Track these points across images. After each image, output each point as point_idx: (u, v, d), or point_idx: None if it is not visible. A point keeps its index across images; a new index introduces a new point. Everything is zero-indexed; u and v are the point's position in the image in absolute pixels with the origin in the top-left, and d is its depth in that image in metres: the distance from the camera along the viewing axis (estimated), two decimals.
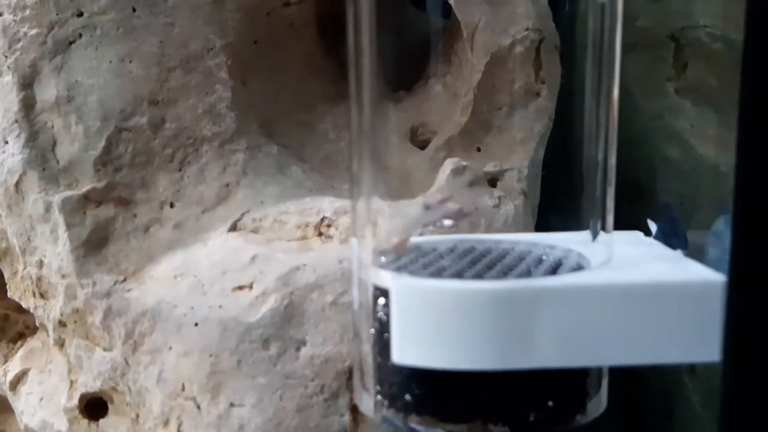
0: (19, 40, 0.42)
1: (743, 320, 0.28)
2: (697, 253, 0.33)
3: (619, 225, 0.39)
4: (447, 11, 0.44)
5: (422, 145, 0.47)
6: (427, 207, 0.34)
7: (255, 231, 0.43)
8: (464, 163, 0.43)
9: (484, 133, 0.46)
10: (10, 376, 0.45)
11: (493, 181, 0.44)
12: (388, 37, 0.35)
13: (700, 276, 0.29)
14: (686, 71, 0.44)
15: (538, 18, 0.44)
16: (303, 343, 0.38)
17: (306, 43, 0.50)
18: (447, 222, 0.34)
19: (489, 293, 0.29)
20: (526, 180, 0.44)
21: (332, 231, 0.42)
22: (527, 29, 0.44)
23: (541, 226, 0.44)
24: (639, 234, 0.37)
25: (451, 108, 0.46)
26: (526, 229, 0.44)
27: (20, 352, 0.46)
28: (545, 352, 0.29)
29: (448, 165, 0.43)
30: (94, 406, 0.42)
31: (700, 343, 0.29)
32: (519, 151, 0.44)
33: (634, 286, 0.29)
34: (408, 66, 0.47)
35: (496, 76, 0.45)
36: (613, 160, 0.33)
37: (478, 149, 0.46)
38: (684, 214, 0.38)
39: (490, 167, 0.44)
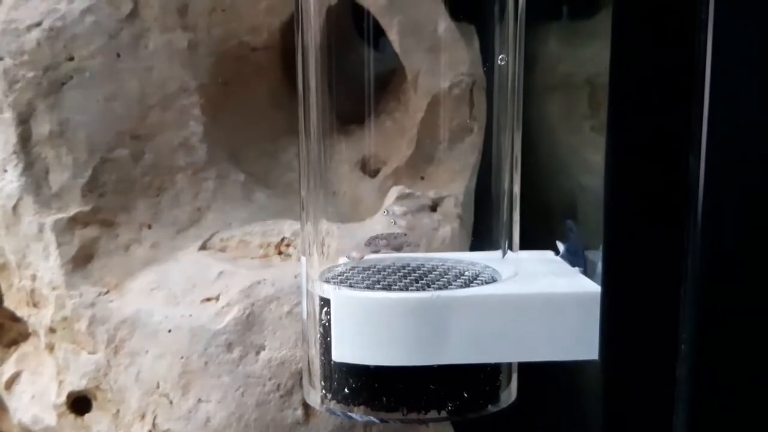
0: (18, 81, 0.47)
1: (614, 324, 0.34)
2: (593, 271, 0.39)
3: (543, 245, 0.45)
4: (391, 57, 0.50)
5: (373, 174, 0.53)
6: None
7: (222, 250, 0.49)
8: (408, 191, 0.49)
9: (427, 163, 0.52)
10: (6, 377, 0.51)
11: (434, 206, 0.50)
12: (336, 79, 0.41)
13: (583, 288, 0.36)
14: (600, 111, 0.50)
15: (472, 63, 0.50)
16: (262, 347, 0.44)
17: (271, 82, 0.56)
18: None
19: (410, 302, 0.35)
20: (462, 206, 0.50)
21: (291, 250, 0.48)
22: (463, 74, 0.50)
23: (476, 245, 0.50)
24: (550, 253, 0.43)
25: (399, 141, 0.53)
26: (461, 249, 0.50)
27: (14, 356, 0.51)
28: (457, 351, 0.35)
29: (394, 192, 0.49)
30: (80, 403, 0.47)
31: (583, 343, 0.35)
32: (456, 180, 0.51)
33: (529, 296, 0.35)
34: (360, 103, 0.53)
35: (437, 114, 0.51)
36: (517, 189, 0.39)
37: (422, 178, 0.52)
38: (597, 236, 0.44)
39: (431, 194, 0.50)
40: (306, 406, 0.44)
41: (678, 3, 0.31)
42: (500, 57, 0.38)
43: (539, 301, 0.35)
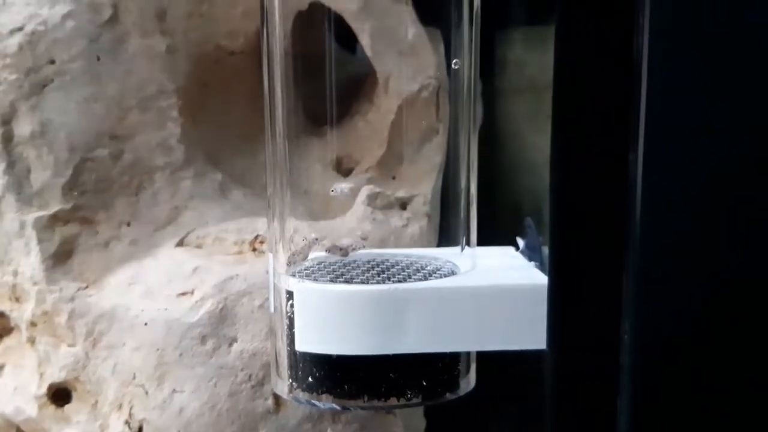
0: (0, 83, 0.49)
1: (561, 315, 0.36)
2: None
3: (509, 241, 0.47)
4: (363, 61, 0.52)
5: (346, 174, 0.55)
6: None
7: (199, 246, 0.50)
8: (378, 190, 0.51)
9: (398, 164, 0.53)
10: None
11: (403, 204, 0.52)
12: (310, 80, 0.43)
13: (533, 280, 0.37)
14: None
15: (438, 67, 0.52)
16: (234, 339, 0.46)
17: (248, 84, 0.57)
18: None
19: (367, 294, 0.36)
20: (429, 204, 0.52)
21: (264, 247, 0.50)
22: (430, 77, 0.52)
23: (442, 242, 0.52)
24: (510, 249, 0.45)
25: (372, 142, 0.54)
26: (429, 245, 0.51)
27: None
28: (414, 341, 0.37)
29: (364, 191, 0.51)
30: (60, 394, 0.49)
31: (532, 334, 0.37)
32: (425, 179, 0.52)
33: (481, 289, 0.37)
34: (332, 105, 0.55)
35: (407, 116, 0.52)
36: (474, 188, 0.41)
37: (394, 177, 0.54)
38: None
39: (401, 193, 0.52)
40: (276, 396, 0.45)
41: (617, 7, 0.33)
42: (454, 61, 0.40)
43: (491, 292, 0.36)
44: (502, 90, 0.58)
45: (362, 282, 0.38)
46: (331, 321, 0.37)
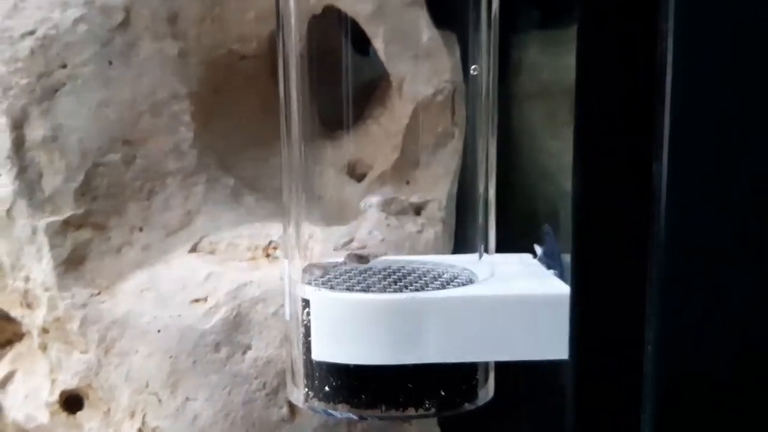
0: (12, 87, 0.49)
1: (583, 325, 0.35)
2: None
3: (527, 249, 0.46)
4: (377, 65, 0.52)
5: (359, 178, 0.54)
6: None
7: (212, 252, 0.50)
8: (392, 195, 0.51)
9: (413, 168, 0.53)
10: (0, 376, 0.52)
11: (417, 210, 0.52)
12: (323, 84, 0.43)
13: (554, 290, 0.37)
14: None
15: (453, 70, 0.51)
16: (249, 347, 0.45)
17: (261, 89, 0.57)
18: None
19: (385, 303, 0.36)
20: (445, 209, 0.51)
21: (278, 252, 0.49)
22: (446, 81, 0.51)
23: (458, 248, 0.51)
24: (528, 256, 0.45)
25: (385, 146, 0.54)
26: (444, 252, 0.51)
27: (9, 356, 0.53)
28: (432, 350, 0.36)
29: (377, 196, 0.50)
30: (72, 401, 0.49)
31: (554, 344, 0.36)
32: (440, 184, 0.52)
33: (502, 298, 0.36)
34: (346, 109, 0.54)
35: (422, 120, 0.52)
36: (492, 194, 0.40)
37: (408, 182, 0.53)
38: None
39: (415, 198, 0.51)
40: (291, 405, 0.45)
41: (640, 13, 0.32)
42: (473, 68, 0.39)
43: (511, 302, 0.36)
44: (515, 94, 0.57)
45: (380, 290, 0.38)
46: (348, 330, 0.36)
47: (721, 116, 0.31)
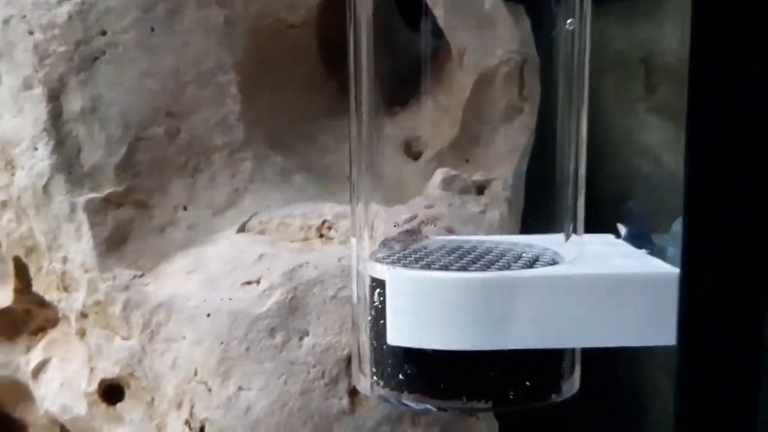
0: (49, 56, 0.46)
1: (694, 308, 0.32)
2: (660, 254, 0.37)
3: (594, 231, 0.43)
4: (436, 35, 0.48)
5: (415, 157, 0.51)
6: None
7: (261, 232, 0.47)
8: (454, 172, 0.47)
9: (473, 145, 0.50)
10: (33, 364, 0.49)
11: (480, 189, 0.48)
12: (386, 58, 0.39)
13: (658, 269, 0.33)
14: (656, 92, 0.48)
15: (522, 41, 0.48)
16: (306, 333, 0.42)
17: (308, 62, 0.54)
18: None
19: (472, 282, 0.33)
20: (510, 189, 0.48)
21: (332, 233, 0.46)
22: (512, 51, 0.48)
23: (525, 230, 0.48)
24: (610, 236, 0.41)
25: (442, 122, 0.50)
26: (510, 233, 0.48)
27: (42, 343, 0.49)
28: (521, 335, 0.33)
29: (439, 174, 0.47)
30: (112, 391, 0.45)
31: (657, 328, 0.33)
32: (504, 162, 0.48)
33: (600, 277, 0.33)
34: (403, 83, 0.51)
35: (484, 94, 0.49)
36: (582, 171, 0.37)
37: (467, 161, 0.50)
38: (653, 222, 0.42)
39: (477, 176, 0.48)
40: (352, 395, 0.42)
41: None
42: (569, 21, 0.36)
43: (614, 282, 0.33)
44: None
45: (460, 269, 0.34)
46: (429, 312, 0.33)
47: None
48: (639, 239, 0.39)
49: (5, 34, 0.46)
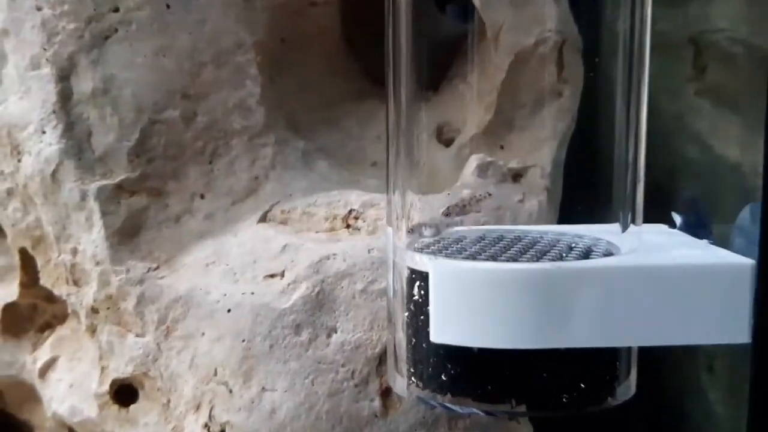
0: (58, 33, 0.43)
1: None
2: (721, 244, 0.34)
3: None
4: (469, 14, 0.45)
5: (447, 143, 0.48)
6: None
7: (284, 222, 0.44)
8: (489, 159, 0.44)
9: (507, 131, 0.47)
10: (39, 363, 0.46)
11: (516, 177, 0.45)
12: (424, 41, 0.36)
13: (729, 259, 0.30)
14: (705, 73, 0.45)
15: (561, 20, 0.45)
16: (334, 329, 0.39)
17: (330, 43, 0.51)
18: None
19: (526, 274, 0.30)
20: (549, 177, 0.45)
21: (360, 223, 0.43)
22: (550, 30, 0.45)
23: (564, 220, 0.45)
24: (663, 226, 0.38)
25: (475, 107, 0.47)
26: (549, 223, 0.44)
27: (49, 341, 0.47)
28: (580, 332, 0.30)
29: (474, 161, 0.44)
30: (124, 392, 0.43)
31: (730, 324, 0.30)
32: (542, 148, 0.45)
33: (665, 268, 0.30)
34: (434, 67, 0.48)
35: (520, 76, 0.46)
36: (642, 158, 0.34)
37: (501, 147, 0.47)
38: (714, 210, 0.40)
39: (513, 163, 0.45)
40: (384, 397, 0.39)
41: None
42: None
43: (680, 274, 0.30)
44: None
45: (510, 260, 0.31)
46: (478, 307, 0.30)
47: None
48: (697, 229, 0.36)
49: (11, 9, 0.43)
